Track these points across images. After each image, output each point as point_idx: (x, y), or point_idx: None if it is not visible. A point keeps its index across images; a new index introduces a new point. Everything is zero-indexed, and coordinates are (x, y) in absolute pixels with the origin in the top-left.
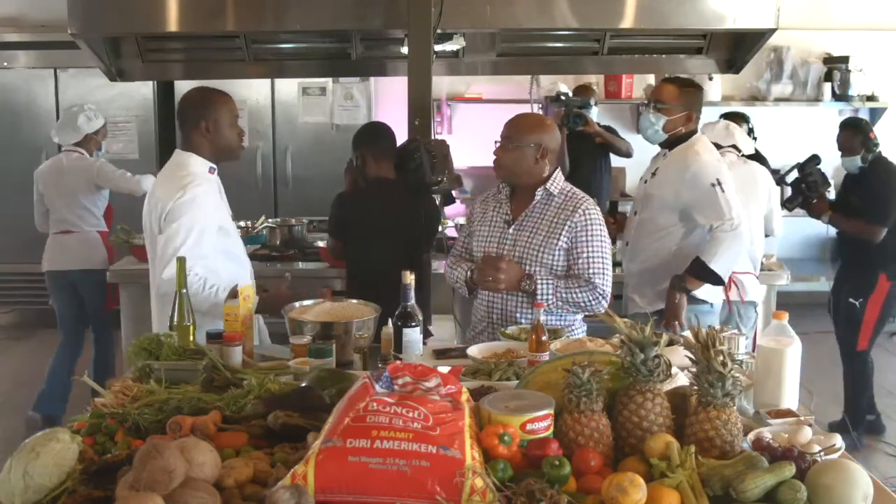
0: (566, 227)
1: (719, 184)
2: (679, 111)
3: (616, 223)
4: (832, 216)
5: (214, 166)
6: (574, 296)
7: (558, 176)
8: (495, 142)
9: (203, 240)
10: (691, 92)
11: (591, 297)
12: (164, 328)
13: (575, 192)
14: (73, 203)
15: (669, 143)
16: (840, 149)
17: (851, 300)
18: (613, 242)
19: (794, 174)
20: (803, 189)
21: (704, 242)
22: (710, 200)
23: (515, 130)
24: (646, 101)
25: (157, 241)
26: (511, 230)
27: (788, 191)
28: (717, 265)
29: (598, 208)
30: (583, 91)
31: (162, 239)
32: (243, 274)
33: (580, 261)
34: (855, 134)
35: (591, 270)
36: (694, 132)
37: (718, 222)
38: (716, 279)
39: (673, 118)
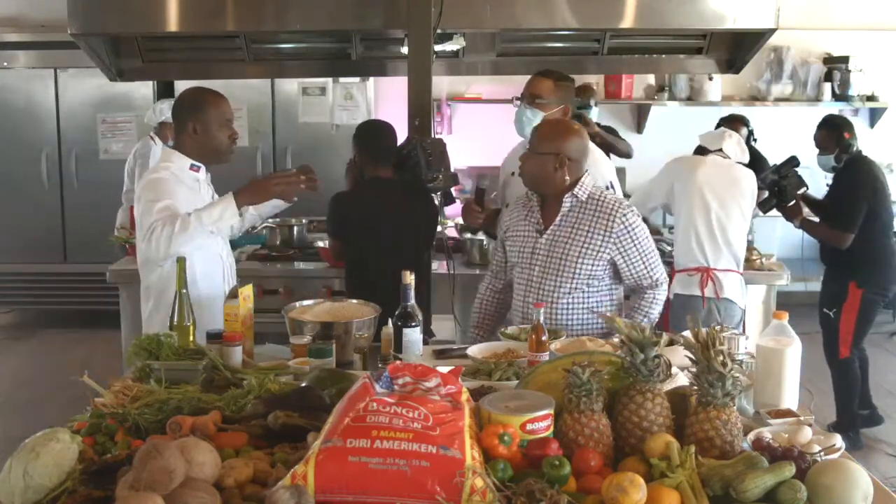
0: (610, 239)
1: (612, 187)
2: (555, 105)
3: (484, 214)
4: (803, 221)
5: (199, 164)
6: (652, 313)
7: (586, 182)
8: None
9: (173, 196)
10: (566, 86)
11: (660, 300)
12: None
13: (606, 197)
14: (129, 175)
15: None
16: (816, 146)
17: (825, 310)
18: (474, 232)
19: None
20: (776, 192)
21: None
22: None
23: (537, 138)
24: (519, 97)
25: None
26: (543, 239)
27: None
28: None
29: (633, 209)
30: (583, 91)
31: (138, 213)
32: (217, 271)
33: (639, 266)
34: (830, 132)
35: (654, 272)
36: None
37: None
38: None
39: (550, 113)
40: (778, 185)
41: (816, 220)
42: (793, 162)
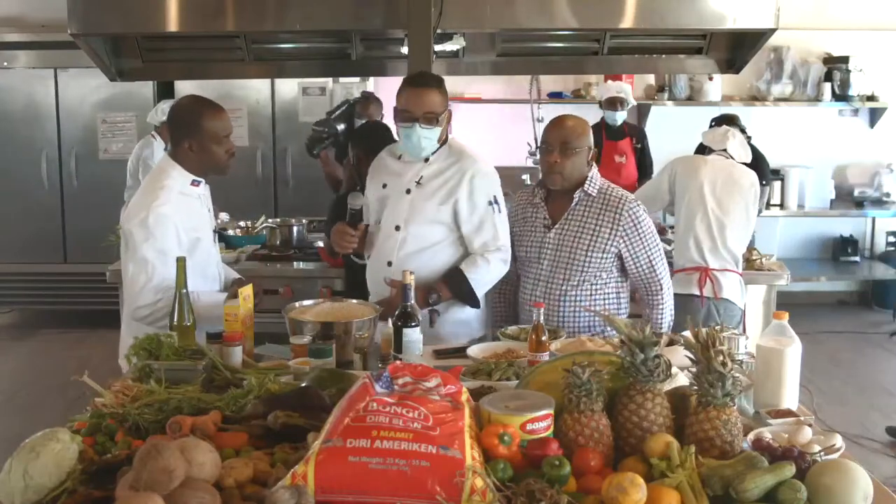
0: (617, 233)
1: (496, 202)
2: (445, 113)
3: (358, 237)
4: None
5: (199, 179)
6: (664, 321)
7: (595, 176)
8: (539, 149)
9: (168, 262)
10: (444, 86)
11: (667, 305)
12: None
13: (612, 191)
14: (132, 174)
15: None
16: None
17: None
18: (360, 257)
19: None
20: None
21: (469, 258)
22: (485, 219)
23: (572, 135)
24: (408, 118)
25: (125, 264)
26: (552, 234)
27: None
28: (480, 289)
29: (639, 204)
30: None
31: (129, 268)
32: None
33: (644, 262)
34: None
35: (658, 271)
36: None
37: (493, 245)
38: (473, 301)
39: (444, 124)
40: None
41: None
42: None
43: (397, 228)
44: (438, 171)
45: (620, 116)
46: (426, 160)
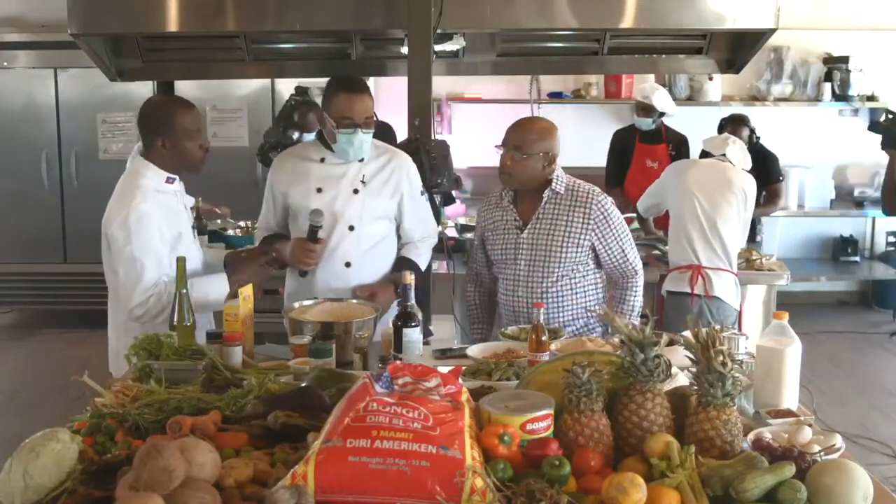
0: (588, 225)
1: (424, 191)
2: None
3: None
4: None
5: (174, 176)
6: (636, 303)
7: (560, 174)
8: (497, 146)
9: (160, 254)
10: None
11: (639, 288)
12: (121, 348)
13: (579, 186)
14: None
15: None
16: None
17: None
18: (303, 274)
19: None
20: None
21: (411, 246)
22: (422, 208)
23: (524, 140)
24: (346, 123)
25: (113, 268)
26: (525, 234)
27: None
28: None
29: (605, 195)
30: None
31: (119, 271)
32: None
33: (616, 251)
34: None
35: (630, 257)
36: None
37: (430, 231)
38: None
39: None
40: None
41: None
42: None
43: (351, 228)
44: (378, 168)
45: (645, 123)
46: (360, 160)
